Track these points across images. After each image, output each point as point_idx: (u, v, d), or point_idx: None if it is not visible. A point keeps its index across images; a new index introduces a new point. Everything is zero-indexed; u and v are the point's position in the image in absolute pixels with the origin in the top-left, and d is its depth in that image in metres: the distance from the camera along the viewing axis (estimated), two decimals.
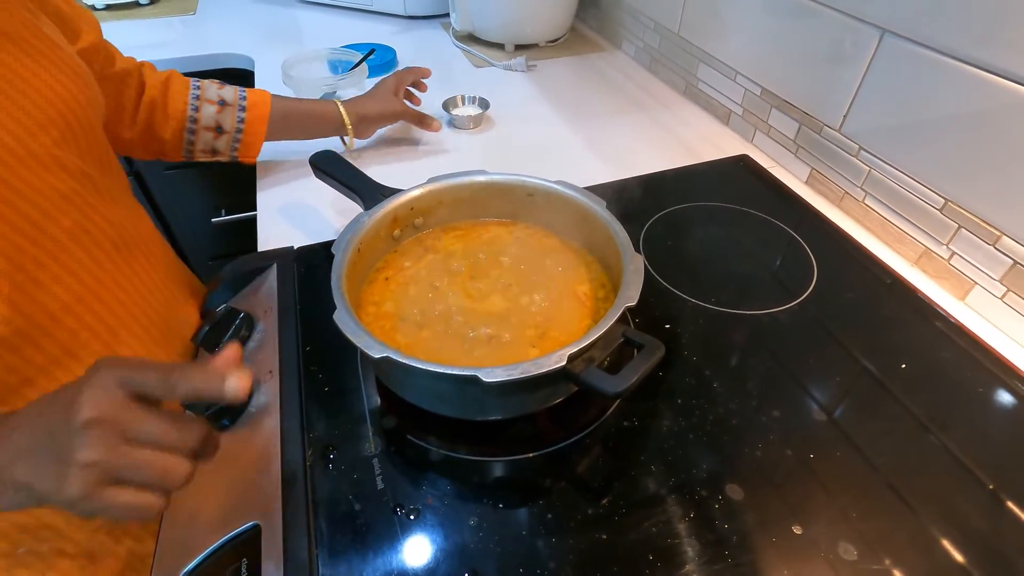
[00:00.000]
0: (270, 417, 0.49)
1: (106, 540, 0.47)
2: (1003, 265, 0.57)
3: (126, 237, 0.49)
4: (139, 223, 0.53)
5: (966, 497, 0.44)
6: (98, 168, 0.47)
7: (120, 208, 0.50)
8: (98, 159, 0.47)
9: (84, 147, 0.45)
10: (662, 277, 0.63)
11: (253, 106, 0.71)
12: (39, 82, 0.41)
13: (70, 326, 0.43)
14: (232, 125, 0.70)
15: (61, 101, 0.42)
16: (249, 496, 0.44)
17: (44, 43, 0.43)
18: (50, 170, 0.41)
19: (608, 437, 0.48)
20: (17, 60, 0.40)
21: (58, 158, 0.42)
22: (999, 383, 0.53)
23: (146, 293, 0.51)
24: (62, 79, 0.43)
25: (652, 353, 0.41)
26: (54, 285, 0.41)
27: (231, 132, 0.70)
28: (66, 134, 0.43)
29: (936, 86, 0.59)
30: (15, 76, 0.40)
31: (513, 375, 0.38)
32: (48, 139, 0.41)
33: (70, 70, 0.44)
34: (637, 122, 0.93)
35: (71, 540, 0.45)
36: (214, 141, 0.70)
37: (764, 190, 0.78)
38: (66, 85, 0.43)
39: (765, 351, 0.55)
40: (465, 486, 0.45)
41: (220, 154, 0.72)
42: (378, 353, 0.40)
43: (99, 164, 0.48)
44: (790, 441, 0.48)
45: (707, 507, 0.43)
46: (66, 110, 0.43)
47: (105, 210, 0.47)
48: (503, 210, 0.60)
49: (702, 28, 0.92)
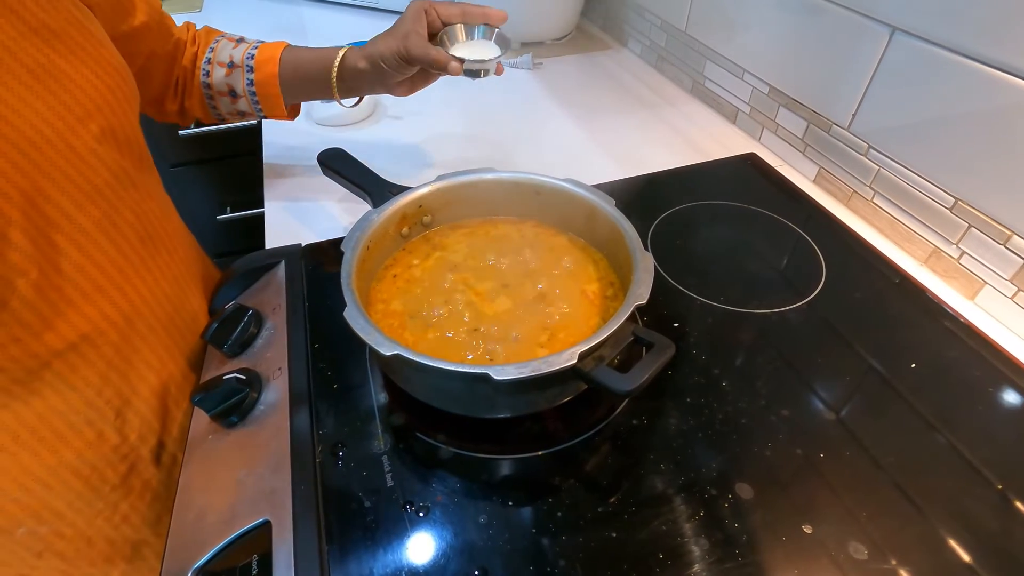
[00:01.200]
0: (279, 414, 0.49)
1: (104, 526, 0.47)
2: (1014, 265, 0.56)
3: (151, 231, 0.50)
4: (166, 218, 0.54)
5: (975, 497, 0.44)
6: (134, 163, 0.48)
7: (151, 202, 0.51)
8: (134, 154, 0.48)
9: (122, 142, 0.46)
10: (670, 275, 0.62)
11: (260, 65, 0.65)
12: (81, 78, 0.42)
13: (89, 314, 0.44)
14: (243, 88, 0.66)
15: (101, 97, 0.43)
16: (259, 492, 0.44)
17: (88, 40, 0.44)
18: (87, 162, 0.42)
19: (617, 435, 0.48)
20: (62, 56, 0.41)
21: (96, 151, 0.43)
22: (1009, 383, 0.52)
23: (165, 286, 0.51)
24: (104, 76, 0.44)
25: (662, 352, 0.41)
26: (76, 273, 0.42)
27: (245, 96, 0.66)
28: (105, 129, 0.44)
29: (946, 84, 0.58)
30: (59, 72, 0.40)
31: (524, 373, 0.38)
32: (87, 133, 0.42)
33: (112, 68, 0.45)
34: (644, 120, 0.93)
35: (71, 524, 0.45)
36: (233, 104, 0.67)
37: (772, 189, 0.78)
38: (107, 82, 0.44)
39: (774, 350, 0.55)
40: (474, 484, 0.45)
41: (248, 115, 0.69)
42: (389, 350, 0.40)
43: (135, 159, 0.48)
44: (799, 440, 0.47)
45: (716, 506, 0.43)
46: (105, 106, 0.44)
47: (135, 204, 0.48)
48: (511, 208, 0.60)
49: (709, 26, 0.92)
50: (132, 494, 0.49)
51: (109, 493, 0.47)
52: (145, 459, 0.50)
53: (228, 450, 0.48)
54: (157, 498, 0.51)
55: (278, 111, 0.68)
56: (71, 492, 0.45)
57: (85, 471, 0.45)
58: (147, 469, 0.50)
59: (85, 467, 0.45)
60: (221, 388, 0.49)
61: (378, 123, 0.91)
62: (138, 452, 0.49)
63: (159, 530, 0.51)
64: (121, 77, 0.46)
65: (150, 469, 0.50)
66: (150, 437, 0.50)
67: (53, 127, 0.40)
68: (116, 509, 0.48)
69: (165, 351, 0.51)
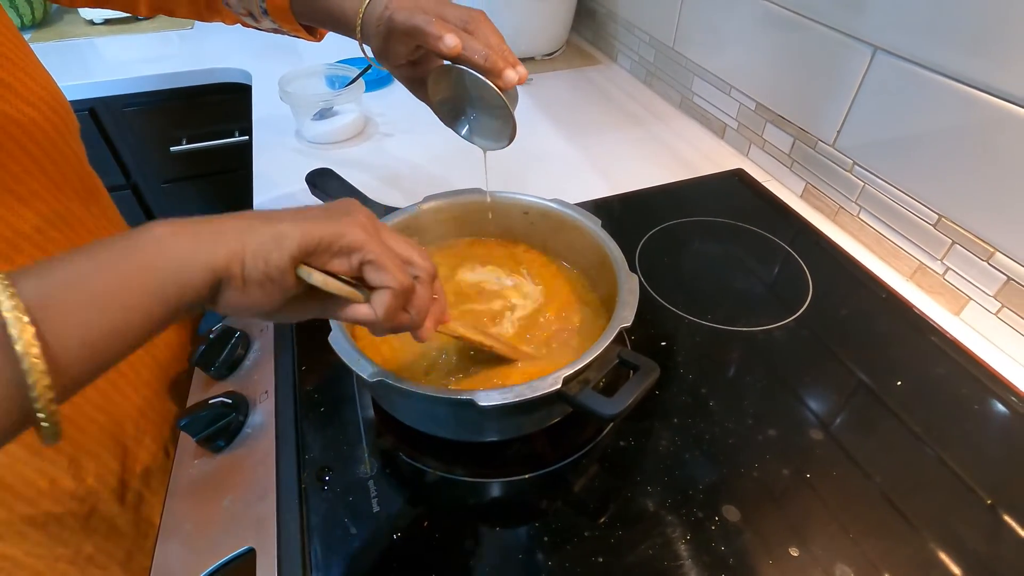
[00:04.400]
0: (265, 438, 0.49)
1: (68, 569, 0.46)
2: (997, 281, 0.57)
3: None
4: None
5: (964, 514, 0.44)
6: (75, 196, 0.46)
7: (91, 239, 0.48)
8: (72, 188, 0.46)
9: (54, 178, 0.43)
10: (657, 293, 0.63)
11: None
12: (9, 115, 0.39)
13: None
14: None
15: (25, 135, 0.40)
16: (244, 519, 0.44)
17: (10, 73, 0.41)
18: (7, 206, 0.40)
19: (604, 457, 0.48)
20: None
21: (16, 193, 0.40)
22: (995, 399, 0.53)
23: None
24: (25, 109, 0.41)
25: (647, 375, 0.41)
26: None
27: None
28: (30, 169, 0.41)
29: (927, 103, 0.59)
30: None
31: (508, 399, 0.38)
32: (8, 177, 0.39)
33: (35, 98, 0.42)
34: (633, 136, 0.94)
35: (31, 570, 0.44)
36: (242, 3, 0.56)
37: (759, 204, 0.78)
38: (29, 115, 0.41)
39: (761, 368, 0.55)
40: (461, 508, 0.45)
41: (258, 20, 0.57)
42: (373, 376, 0.40)
43: (75, 192, 0.46)
44: (787, 460, 0.47)
45: (704, 528, 0.43)
46: (30, 143, 0.41)
47: (71, 245, 0.44)
48: (499, 228, 0.60)
49: (696, 42, 0.93)
50: (96, 535, 0.47)
51: (70, 537, 0.45)
52: (106, 500, 0.48)
53: (213, 475, 0.48)
54: (125, 537, 0.49)
55: (288, 22, 0.56)
56: (27, 541, 0.43)
57: (40, 519, 0.43)
58: (110, 509, 0.48)
59: (40, 515, 0.43)
60: (207, 412, 0.48)
61: (368, 140, 0.91)
62: (98, 495, 0.47)
63: (131, 567, 0.49)
64: (49, 107, 0.43)
65: (113, 509, 0.48)
66: (109, 478, 0.48)
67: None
68: (79, 551, 0.46)
69: (116, 391, 0.49)
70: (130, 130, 1.16)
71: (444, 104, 0.51)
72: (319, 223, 0.29)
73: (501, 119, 0.48)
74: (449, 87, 0.49)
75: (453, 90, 0.49)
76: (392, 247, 0.32)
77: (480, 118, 0.51)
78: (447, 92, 0.50)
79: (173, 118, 1.17)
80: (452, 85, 0.49)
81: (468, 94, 0.49)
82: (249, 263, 0.27)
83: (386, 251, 0.31)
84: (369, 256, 0.30)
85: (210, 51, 1.19)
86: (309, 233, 0.29)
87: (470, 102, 0.50)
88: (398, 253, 0.33)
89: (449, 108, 0.51)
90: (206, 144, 1.18)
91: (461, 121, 0.52)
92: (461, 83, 0.48)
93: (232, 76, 1.14)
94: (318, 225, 0.29)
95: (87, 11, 1.25)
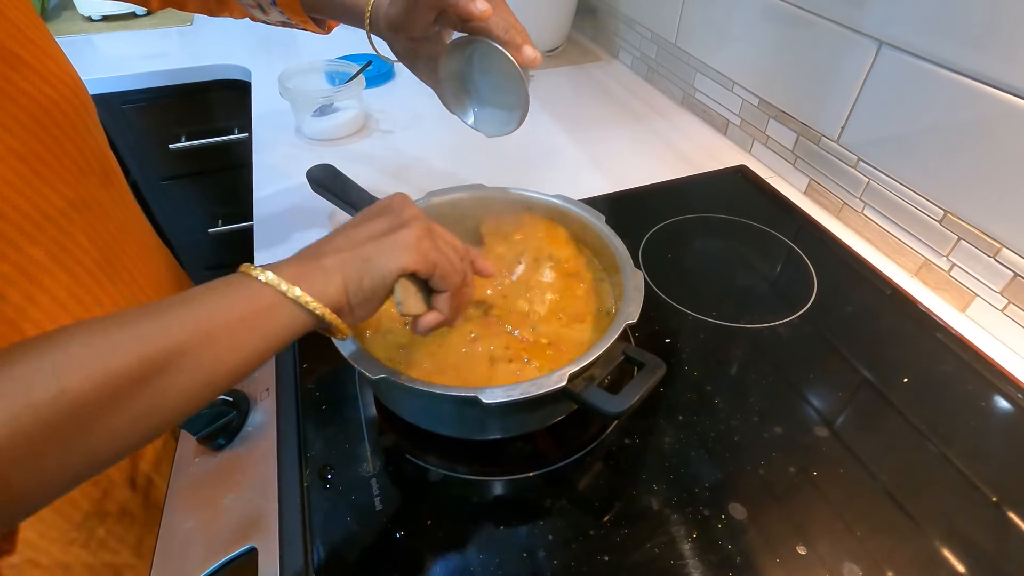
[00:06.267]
0: (267, 437, 0.48)
1: (81, 552, 0.46)
2: (1003, 277, 0.56)
3: (110, 255, 0.48)
4: (127, 239, 0.52)
5: (970, 511, 0.44)
6: (96, 180, 0.46)
7: (110, 224, 0.49)
8: (93, 172, 0.46)
9: (77, 161, 0.44)
10: (661, 290, 0.62)
11: None
12: (21, 96, 0.39)
13: None
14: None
15: (47, 116, 0.41)
16: (246, 518, 0.43)
17: (30, 52, 0.41)
18: (33, 187, 0.40)
19: (609, 455, 0.48)
20: (4, 76, 0.38)
21: (43, 176, 0.41)
22: (1001, 396, 0.52)
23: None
24: (46, 90, 0.41)
25: (653, 372, 0.40)
26: (28, 305, 0.40)
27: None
28: (55, 151, 0.41)
29: (932, 97, 0.59)
30: (2, 93, 0.38)
31: (513, 396, 0.38)
32: (33, 157, 0.40)
33: (55, 79, 0.42)
34: (635, 133, 0.93)
35: (46, 552, 0.44)
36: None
37: (763, 201, 0.78)
38: (51, 96, 0.41)
39: (766, 365, 0.55)
40: (465, 506, 0.45)
41: (267, 12, 0.57)
42: (376, 374, 0.39)
43: (96, 176, 0.46)
44: (792, 458, 0.47)
45: (710, 527, 0.43)
46: (52, 125, 0.41)
47: (90, 228, 0.46)
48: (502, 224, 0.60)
49: (698, 38, 0.92)
50: (108, 519, 0.48)
51: (83, 520, 0.46)
52: (118, 483, 0.48)
53: (214, 474, 0.47)
54: (136, 521, 0.50)
55: (297, 14, 0.55)
56: (42, 523, 0.43)
57: (56, 502, 0.44)
58: (121, 493, 0.49)
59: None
60: (207, 410, 0.48)
61: (369, 137, 0.91)
62: (110, 478, 0.48)
63: (141, 551, 0.49)
64: (68, 87, 0.43)
65: (125, 493, 0.49)
66: (121, 462, 0.49)
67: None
68: (92, 535, 0.46)
69: None
70: (129, 128, 1.15)
71: (451, 82, 0.50)
72: (411, 254, 0.35)
73: (509, 104, 0.48)
74: (460, 62, 0.49)
75: (463, 68, 0.49)
76: (446, 252, 0.37)
77: (487, 102, 0.50)
78: (457, 67, 0.49)
79: (172, 115, 1.16)
80: (465, 60, 0.48)
81: (478, 76, 0.49)
82: (352, 294, 0.34)
83: (450, 263, 0.37)
84: (440, 273, 0.37)
85: (209, 47, 1.18)
86: (405, 269, 0.35)
87: (480, 84, 0.49)
88: (452, 259, 0.38)
89: (454, 89, 0.50)
90: (206, 141, 1.18)
91: (466, 106, 0.51)
92: (477, 58, 0.48)
93: (232, 73, 1.13)
94: (410, 256, 0.35)
95: (85, 8, 1.24)
